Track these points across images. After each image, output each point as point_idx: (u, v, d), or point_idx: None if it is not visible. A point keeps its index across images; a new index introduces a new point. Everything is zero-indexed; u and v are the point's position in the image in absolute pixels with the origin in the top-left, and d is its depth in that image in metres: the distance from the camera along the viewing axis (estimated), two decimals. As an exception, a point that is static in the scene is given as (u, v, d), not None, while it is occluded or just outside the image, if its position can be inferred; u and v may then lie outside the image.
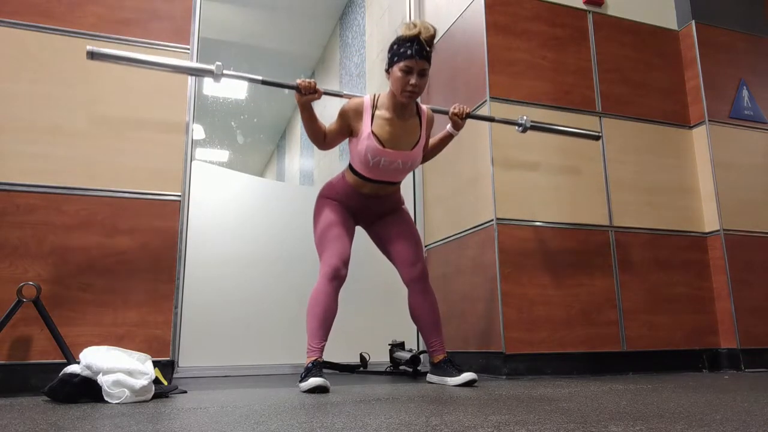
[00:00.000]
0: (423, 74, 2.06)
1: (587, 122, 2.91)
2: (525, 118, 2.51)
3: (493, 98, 2.73)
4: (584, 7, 3.04)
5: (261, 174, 10.37)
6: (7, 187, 2.15)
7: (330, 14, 5.87)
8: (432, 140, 2.35)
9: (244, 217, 3.04)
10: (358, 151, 2.12)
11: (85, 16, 2.35)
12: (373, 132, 2.09)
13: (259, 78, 2.14)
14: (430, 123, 2.26)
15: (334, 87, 5.81)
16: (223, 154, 9.71)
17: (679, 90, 3.19)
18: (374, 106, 2.13)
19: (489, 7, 2.83)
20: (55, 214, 2.18)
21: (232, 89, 7.46)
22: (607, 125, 2.95)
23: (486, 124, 2.70)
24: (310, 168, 7.05)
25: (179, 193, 2.35)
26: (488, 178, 2.68)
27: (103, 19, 2.37)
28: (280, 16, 5.91)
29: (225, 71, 2.07)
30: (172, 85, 2.41)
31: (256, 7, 5.76)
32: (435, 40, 2.10)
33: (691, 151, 3.13)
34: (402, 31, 2.07)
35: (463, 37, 3.04)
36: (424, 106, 2.26)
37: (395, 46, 2.08)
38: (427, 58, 2.06)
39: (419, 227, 3.30)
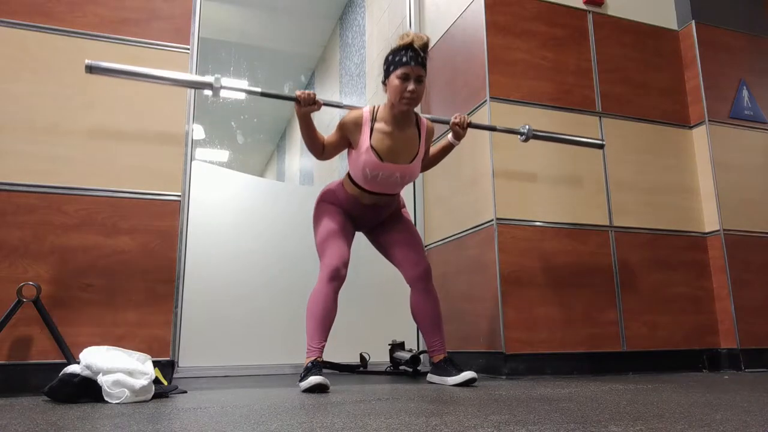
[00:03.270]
0: (420, 80, 2.07)
1: (587, 122, 2.91)
2: (527, 127, 2.50)
3: (493, 98, 2.73)
4: (584, 7, 3.04)
5: (261, 174, 10.36)
6: (7, 187, 2.15)
7: (330, 14, 5.87)
8: (432, 149, 2.35)
9: (244, 217, 3.04)
10: (357, 164, 2.12)
11: (85, 16, 2.35)
12: (371, 146, 2.09)
13: (258, 90, 2.14)
14: (430, 134, 2.26)
15: (334, 87, 5.81)
16: (223, 154, 9.70)
17: (679, 90, 3.19)
18: (373, 119, 2.13)
19: (489, 7, 2.83)
20: (55, 214, 2.18)
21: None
22: (607, 125, 2.95)
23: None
24: (310, 168, 7.05)
25: (179, 193, 2.35)
26: (488, 178, 2.68)
27: (103, 19, 2.37)
28: (280, 16, 5.91)
29: (223, 84, 2.07)
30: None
31: (256, 7, 5.76)
32: (431, 45, 2.11)
33: (691, 151, 3.13)
34: (396, 43, 2.09)
35: (463, 37, 3.04)
36: (424, 118, 2.25)
37: (390, 57, 2.09)
38: (423, 64, 2.07)
39: (419, 227, 3.30)
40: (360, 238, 2.38)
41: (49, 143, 2.22)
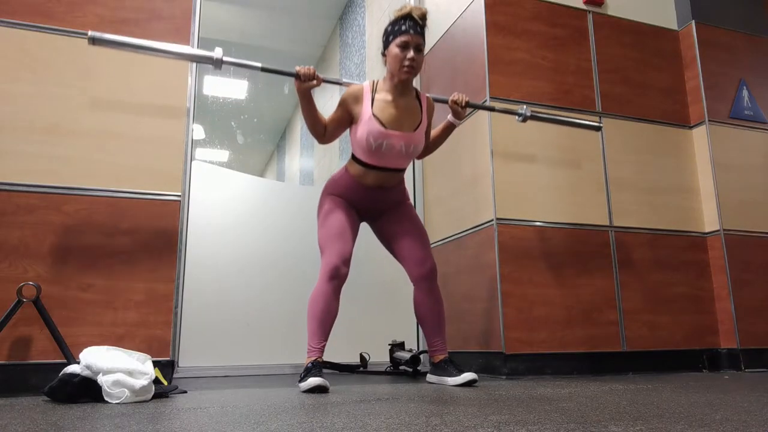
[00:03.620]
0: (419, 49, 2.09)
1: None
2: (525, 107, 2.51)
3: (493, 98, 2.73)
4: (584, 7, 3.04)
5: (261, 174, 10.37)
6: (7, 187, 2.15)
7: (330, 14, 5.87)
8: (433, 131, 2.35)
9: (244, 217, 3.04)
10: (360, 137, 2.11)
11: (85, 16, 2.35)
12: (374, 114, 2.09)
13: (259, 65, 2.15)
14: (431, 109, 2.27)
15: (334, 87, 5.80)
16: (223, 154, 9.71)
17: (679, 90, 3.19)
18: (374, 91, 2.14)
19: (489, 7, 2.83)
20: (55, 214, 2.18)
21: (233, 89, 7.46)
22: (607, 125, 2.95)
23: (486, 123, 2.70)
24: (310, 168, 7.05)
25: (179, 193, 2.35)
26: (488, 178, 2.68)
27: (103, 19, 2.37)
28: (280, 16, 5.91)
29: (225, 58, 2.09)
30: (172, 85, 2.41)
31: (256, 7, 5.76)
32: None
33: (691, 151, 3.13)
34: (394, 15, 2.11)
35: (463, 37, 3.04)
36: (423, 93, 2.28)
37: (389, 27, 2.12)
38: (422, 34, 2.09)
39: (419, 227, 3.30)
40: (359, 238, 2.38)
41: (49, 143, 2.22)
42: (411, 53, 2.06)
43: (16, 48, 2.25)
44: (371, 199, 2.24)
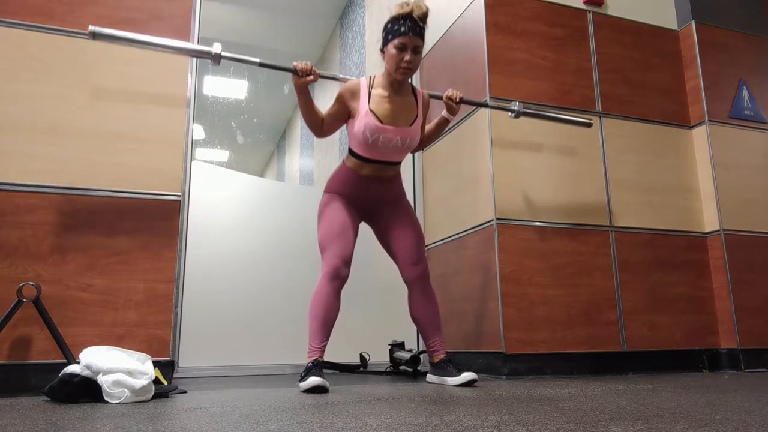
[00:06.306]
0: (417, 51, 2.10)
1: (587, 122, 2.91)
2: (518, 103, 2.52)
3: (493, 98, 2.73)
4: (584, 7, 3.04)
5: (261, 174, 10.37)
6: (7, 187, 2.15)
7: (330, 14, 5.87)
8: (428, 126, 2.37)
9: (244, 217, 3.04)
10: (356, 131, 2.12)
11: (85, 16, 2.35)
12: (370, 109, 2.11)
13: (257, 60, 2.16)
14: (427, 104, 2.30)
15: (334, 87, 5.81)
16: (223, 154, 9.71)
17: (679, 90, 3.19)
18: (370, 86, 2.17)
19: (489, 7, 2.83)
20: (55, 214, 2.18)
21: (232, 89, 7.46)
22: (607, 125, 2.95)
23: (486, 124, 2.70)
24: (310, 168, 7.05)
25: (179, 193, 2.35)
26: (488, 178, 2.68)
27: (103, 19, 2.37)
28: (280, 16, 5.91)
29: (224, 53, 2.10)
30: (172, 85, 2.41)
31: (256, 7, 5.76)
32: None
33: (691, 151, 3.13)
34: (395, 11, 2.10)
35: (463, 37, 3.04)
36: (419, 89, 2.30)
37: (389, 25, 2.12)
38: (421, 34, 2.09)
39: (419, 227, 3.30)
40: (359, 238, 2.37)
41: (49, 143, 2.22)
42: (408, 56, 2.07)
43: (16, 48, 2.25)
44: (368, 190, 2.25)
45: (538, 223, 2.69)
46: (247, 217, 3.05)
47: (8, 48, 2.24)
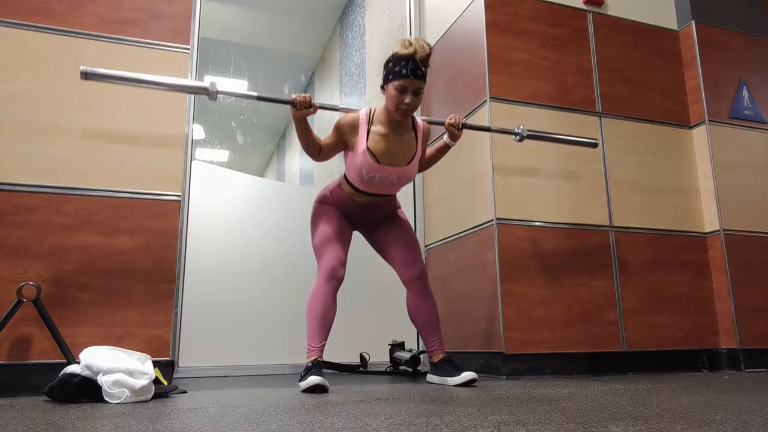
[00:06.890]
0: (418, 93, 2.05)
1: (587, 122, 2.91)
2: (522, 127, 2.51)
3: (493, 98, 2.73)
4: (584, 7, 3.04)
5: (261, 174, 10.36)
6: (7, 187, 2.15)
7: (330, 14, 5.87)
8: (429, 150, 2.35)
9: (244, 217, 3.04)
10: (354, 165, 2.12)
11: (85, 16, 2.35)
12: (368, 148, 2.09)
13: (254, 94, 2.13)
14: (427, 136, 2.26)
15: (334, 87, 5.82)
16: (223, 154, 9.71)
17: (679, 90, 3.19)
18: (370, 122, 2.13)
19: (489, 7, 2.83)
20: (54, 214, 2.18)
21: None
22: (607, 125, 2.95)
23: (486, 123, 2.70)
24: (310, 168, 7.05)
25: (179, 193, 2.35)
26: (488, 179, 2.68)
27: (103, 19, 2.37)
28: (280, 16, 5.91)
29: (219, 89, 2.07)
30: (172, 85, 2.41)
31: (256, 7, 5.76)
32: (432, 45, 2.10)
33: (691, 151, 3.13)
34: (398, 49, 2.03)
35: (463, 37, 3.04)
36: (419, 120, 2.25)
37: (390, 64, 2.06)
38: (422, 77, 2.04)
39: (419, 228, 3.30)
40: (359, 238, 2.38)
41: (49, 143, 2.22)
42: (408, 99, 2.03)
43: (16, 48, 2.25)
44: (363, 212, 2.28)
45: (538, 223, 2.69)
46: (247, 217, 3.05)
47: (8, 48, 2.24)
